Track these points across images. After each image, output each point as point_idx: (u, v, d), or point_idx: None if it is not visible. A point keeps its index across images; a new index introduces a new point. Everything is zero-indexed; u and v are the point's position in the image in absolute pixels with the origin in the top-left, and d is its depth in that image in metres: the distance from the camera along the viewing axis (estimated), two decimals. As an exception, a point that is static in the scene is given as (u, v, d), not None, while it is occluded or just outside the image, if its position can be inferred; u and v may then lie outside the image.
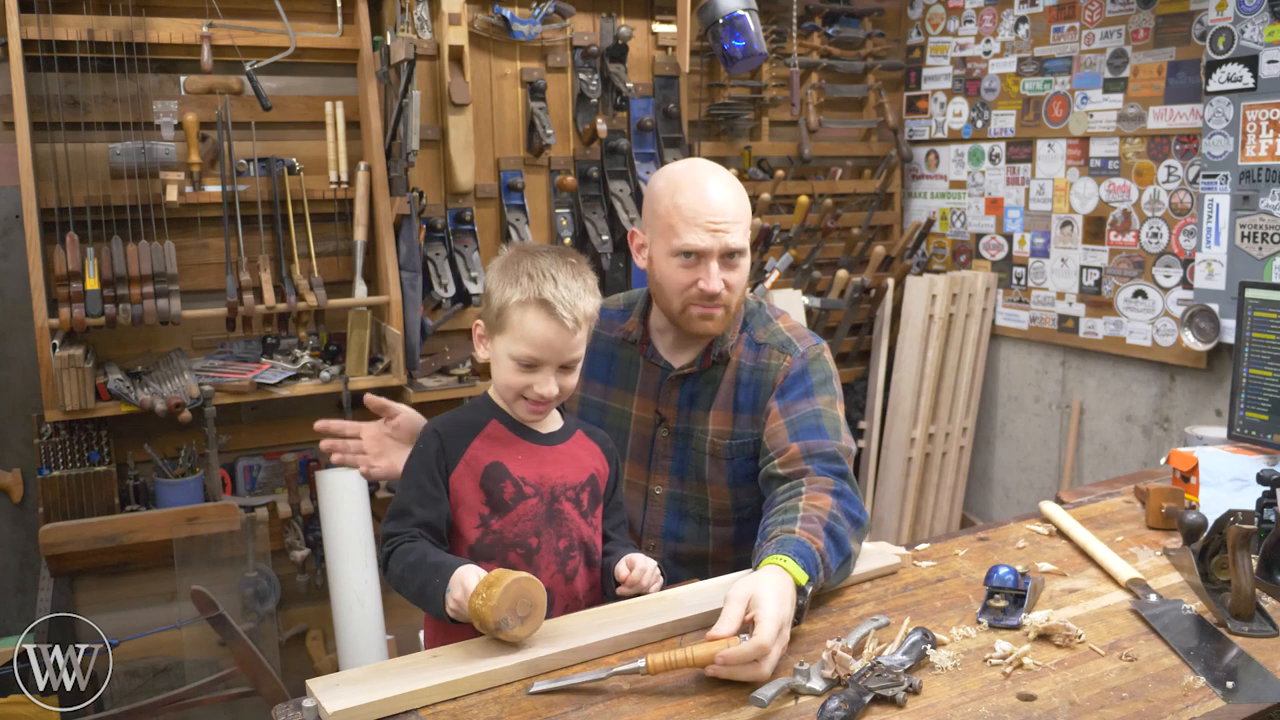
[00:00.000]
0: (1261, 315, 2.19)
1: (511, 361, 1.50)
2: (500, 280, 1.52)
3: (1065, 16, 3.56)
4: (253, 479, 3.12)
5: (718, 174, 1.76)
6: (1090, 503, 2.07)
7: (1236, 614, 1.50)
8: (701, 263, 1.71)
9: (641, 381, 1.87)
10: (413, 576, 1.44)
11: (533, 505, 1.54)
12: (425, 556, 1.45)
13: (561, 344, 1.49)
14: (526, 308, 1.48)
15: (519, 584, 1.33)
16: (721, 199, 1.71)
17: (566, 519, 1.56)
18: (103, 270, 2.68)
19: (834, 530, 1.54)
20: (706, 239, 1.70)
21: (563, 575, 1.57)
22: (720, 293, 1.71)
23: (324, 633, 3.16)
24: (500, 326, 1.51)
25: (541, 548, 1.54)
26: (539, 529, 1.54)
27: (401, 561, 1.46)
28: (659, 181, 1.78)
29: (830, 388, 1.78)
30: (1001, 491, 4.00)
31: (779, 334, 1.83)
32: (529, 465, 1.55)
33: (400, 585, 1.47)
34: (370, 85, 3.03)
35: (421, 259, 3.13)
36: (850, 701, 1.23)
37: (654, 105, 3.54)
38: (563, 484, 1.57)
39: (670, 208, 1.73)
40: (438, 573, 1.41)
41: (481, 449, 1.54)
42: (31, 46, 2.68)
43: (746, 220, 1.75)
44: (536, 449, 1.56)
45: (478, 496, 1.52)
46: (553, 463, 1.57)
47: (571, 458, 1.59)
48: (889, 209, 4.14)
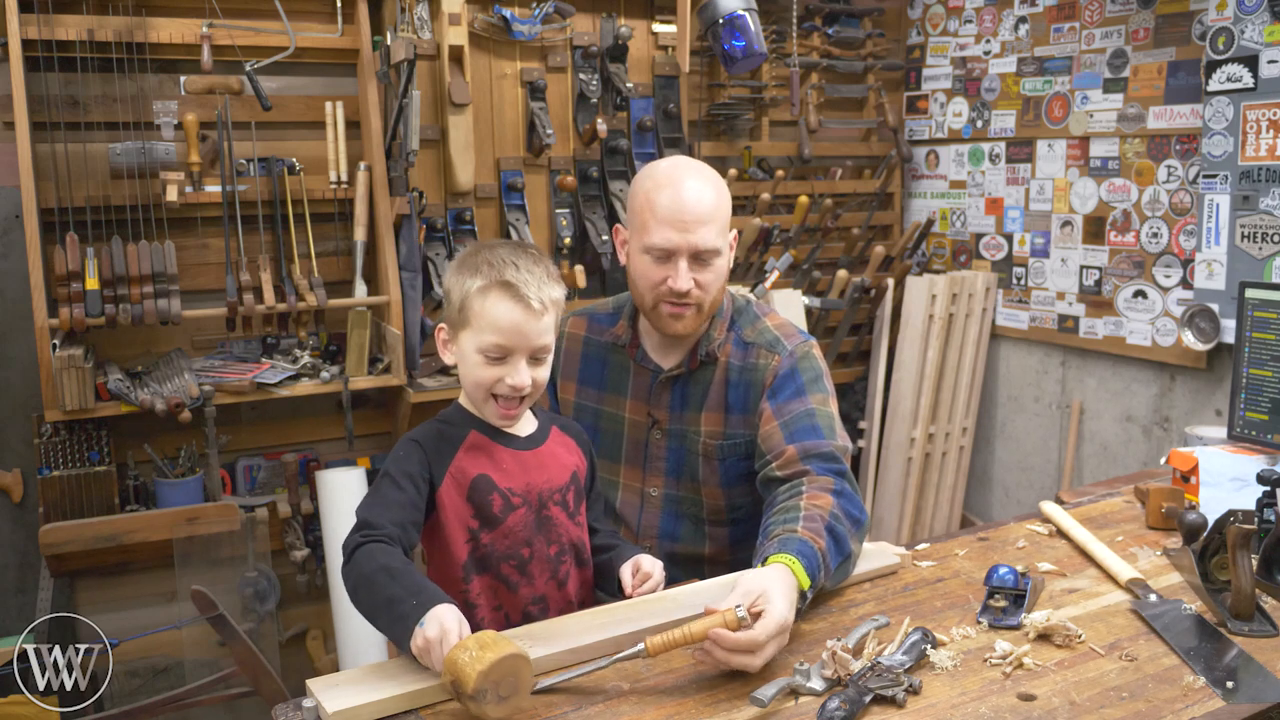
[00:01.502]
0: (1261, 315, 2.19)
1: (479, 356, 1.46)
2: (459, 275, 1.49)
3: (1065, 16, 3.56)
4: (253, 479, 3.12)
5: (698, 174, 1.74)
6: (1090, 503, 2.07)
7: (1236, 614, 1.50)
8: (671, 261, 1.71)
9: (633, 385, 1.87)
10: (383, 585, 1.30)
11: (522, 515, 1.51)
12: (406, 570, 1.32)
13: (529, 328, 1.45)
14: (488, 293, 1.44)
15: (517, 661, 1.20)
16: (695, 198, 1.70)
17: (555, 524, 1.55)
18: (103, 270, 2.68)
19: (835, 530, 1.53)
20: (675, 237, 1.69)
21: (555, 581, 1.56)
22: (689, 291, 1.70)
23: (324, 633, 3.16)
24: (464, 321, 1.47)
25: (534, 557, 1.52)
26: (530, 539, 1.52)
27: (374, 561, 1.33)
28: (639, 178, 1.78)
29: (821, 385, 1.77)
30: (1001, 491, 4.00)
31: (767, 332, 1.82)
32: (514, 474, 1.51)
33: (361, 585, 1.33)
34: (370, 85, 3.03)
35: (421, 259, 3.13)
36: (850, 701, 1.23)
37: (654, 105, 3.54)
38: (549, 488, 1.54)
39: (644, 204, 1.72)
40: (416, 595, 1.28)
41: (466, 461, 1.49)
42: (31, 46, 2.67)
43: (721, 221, 1.73)
44: (519, 455, 1.53)
45: (465, 510, 1.48)
46: (536, 468, 1.54)
47: (553, 458, 1.57)
48: (889, 209, 4.14)
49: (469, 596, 1.50)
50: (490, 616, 1.52)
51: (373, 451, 3.25)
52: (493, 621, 1.51)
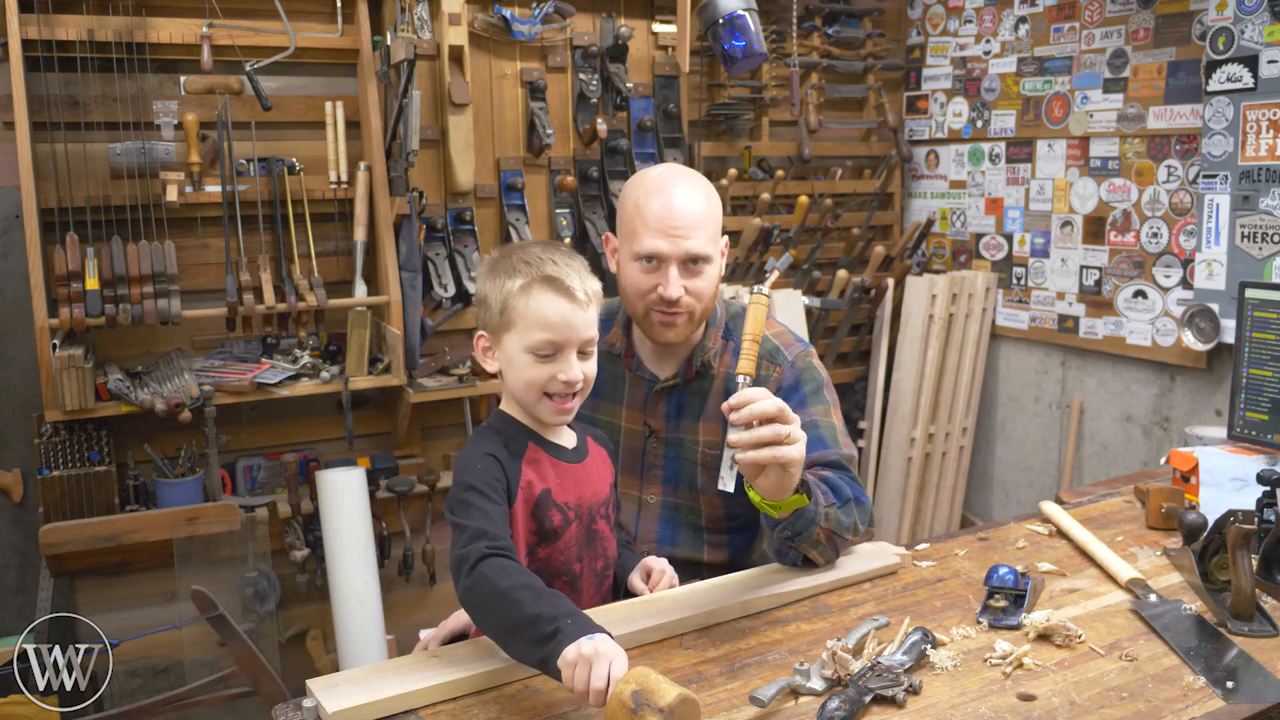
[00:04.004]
0: (1261, 315, 2.19)
1: (528, 356, 1.43)
2: (494, 278, 1.47)
3: (1065, 16, 3.56)
4: (253, 479, 3.12)
5: (688, 180, 1.73)
6: (1090, 503, 2.08)
7: (1236, 614, 1.50)
8: (662, 268, 1.69)
9: (629, 394, 1.85)
10: (528, 602, 1.21)
11: (575, 530, 1.49)
12: (551, 592, 1.25)
13: (576, 320, 1.43)
14: (531, 291, 1.42)
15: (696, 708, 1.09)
16: (685, 205, 1.68)
17: (601, 538, 1.54)
18: (103, 270, 2.68)
19: (827, 480, 1.62)
20: (665, 244, 1.67)
21: (599, 596, 1.55)
22: (679, 299, 1.69)
23: (324, 633, 3.16)
24: (507, 323, 1.44)
25: (584, 573, 1.51)
26: (580, 554, 1.50)
27: (510, 578, 1.25)
28: (630, 185, 1.77)
29: (823, 396, 1.77)
30: (1001, 491, 4.00)
31: (766, 342, 1.80)
32: (567, 488, 1.49)
33: (495, 601, 1.24)
34: (370, 85, 3.03)
35: (421, 259, 3.13)
36: (850, 701, 1.23)
37: (654, 105, 3.54)
38: (596, 501, 1.53)
39: (634, 211, 1.71)
40: (571, 616, 1.20)
41: (532, 475, 1.46)
42: (31, 46, 2.67)
43: (712, 228, 1.72)
44: (570, 469, 1.50)
45: (529, 526, 1.45)
46: (585, 481, 1.52)
47: (596, 471, 1.55)
48: (889, 209, 4.14)
49: None
50: None
51: (373, 451, 3.25)
52: None
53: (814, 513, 1.54)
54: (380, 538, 3.04)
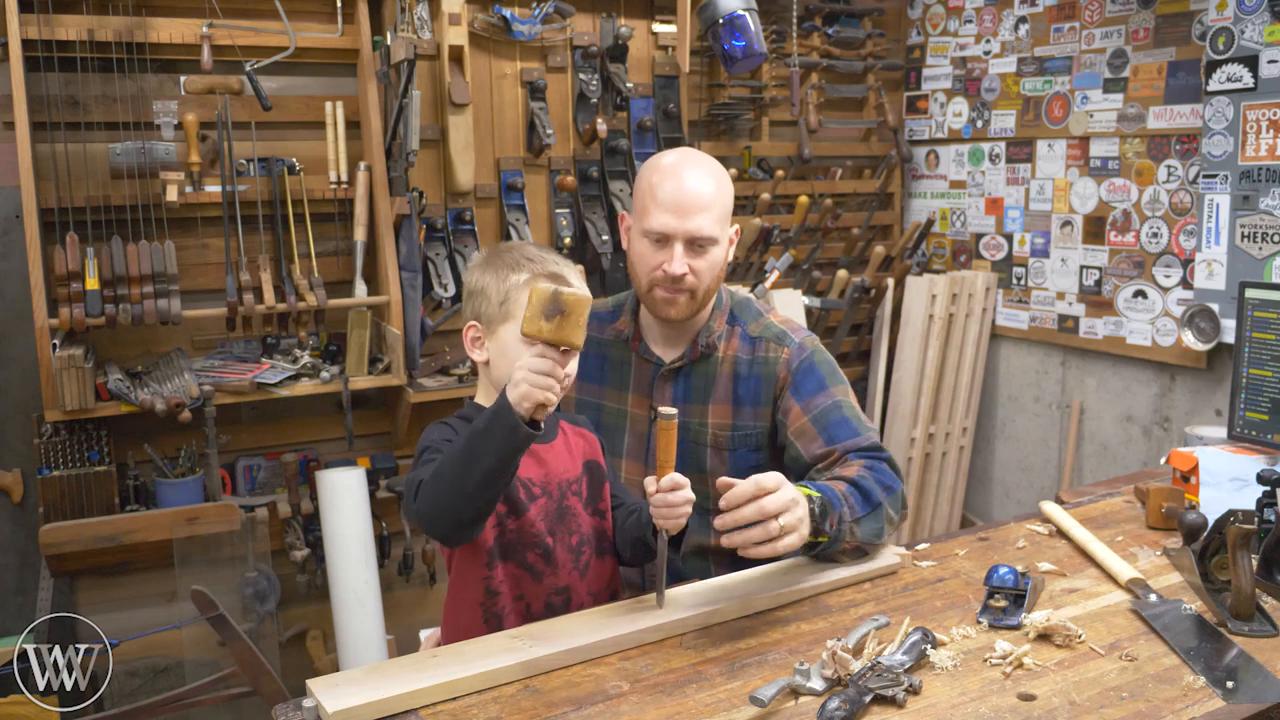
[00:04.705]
0: (1261, 315, 2.19)
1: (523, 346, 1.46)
2: (493, 273, 1.54)
3: (1065, 16, 3.56)
4: (253, 479, 3.12)
5: (701, 164, 1.80)
6: (1090, 503, 2.08)
7: (1236, 614, 1.50)
8: (668, 246, 1.76)
9: (635, 379, 1.90)
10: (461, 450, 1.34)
11: (543, 504, 1.55)
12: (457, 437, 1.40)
13: None
14: (537, 285, 1.43)
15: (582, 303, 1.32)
16: (695, 186, 1.75)
17: (574, 514, 1.58)
18: (103, 270, 2.68)
19: (859, 483, 1.63)
20: (672, 223, 1.74)
21: (578, 572, 1.58)
22: (683, 276, 1.74)
23: (324, 633, 3.16)
24: (507, 314, 1.51)
25: (557, 547, 1.55)
26: (552, 528, 1.55)
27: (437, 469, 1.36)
28: (646, 166, 1.84)
29: (839, 376, 1.84)
30: (1001, 491, 4.00)
31: (772, 327, 1.87)
32: (532, 466, 1.55)
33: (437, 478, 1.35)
34: (370, 85, 3.03)
35: (421, 259, 3.13)
36: (850, 701, 1.23)
37: (654, 105, 3.54)
38: (565, 479, 1.58)
39: (647, 190, 1.78)
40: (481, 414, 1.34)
41: None
42: (31, 46, 2.67)
43: (720, 211, 1.78)
44: (534, 449, 1.56)
45: None
46: (551, 460, 1.58)
47: (565, 451, 1.61)
48: (889, 209, 4.14)
49: (492, 584, 1.52)
50: (512, 606, 1.54)
51: (372, 451, 3.24)
52: (514, 612, 1.53)
53: (838, 535, 1.60)
54: (380, 538, 3.04)
